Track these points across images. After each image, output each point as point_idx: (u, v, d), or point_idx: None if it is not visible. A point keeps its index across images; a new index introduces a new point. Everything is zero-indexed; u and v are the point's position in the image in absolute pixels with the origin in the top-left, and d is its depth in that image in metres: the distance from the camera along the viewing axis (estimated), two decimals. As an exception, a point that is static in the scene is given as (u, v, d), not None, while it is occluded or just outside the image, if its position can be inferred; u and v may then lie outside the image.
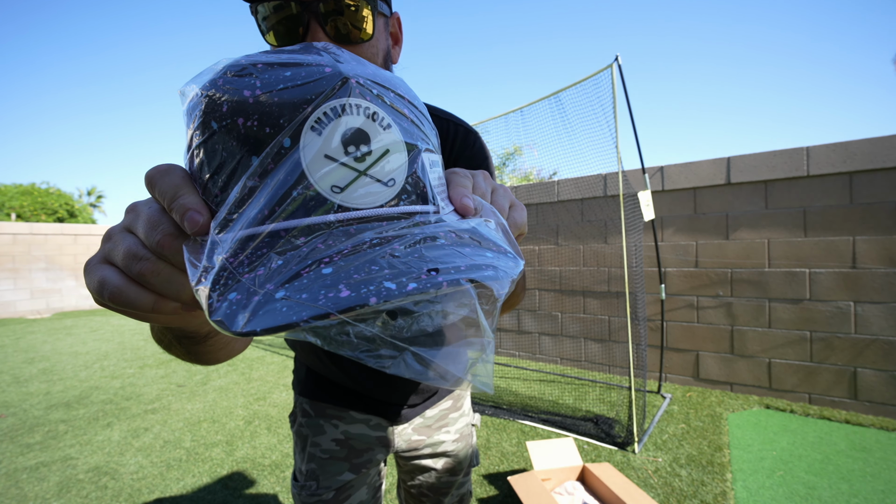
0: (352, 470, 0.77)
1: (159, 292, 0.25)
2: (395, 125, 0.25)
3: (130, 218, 0.26)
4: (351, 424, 0.77)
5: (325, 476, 0.75)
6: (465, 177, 0.32)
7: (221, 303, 0.20)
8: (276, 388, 3.49)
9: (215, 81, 0.24)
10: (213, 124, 0.24)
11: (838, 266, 2.79)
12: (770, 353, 3.01)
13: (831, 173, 2.80)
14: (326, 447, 0.76)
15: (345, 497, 0.76)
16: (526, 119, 3.25)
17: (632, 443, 2.31)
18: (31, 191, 17.31)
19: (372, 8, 0.52)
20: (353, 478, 0.76)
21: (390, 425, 0.79)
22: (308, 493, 0.74)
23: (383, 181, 0.24)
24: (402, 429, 0.81)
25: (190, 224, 0.23)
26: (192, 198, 0.24)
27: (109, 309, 0.26)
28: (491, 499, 1.90)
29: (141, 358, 4.61)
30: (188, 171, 0.26)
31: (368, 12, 0.52)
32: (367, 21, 0.52)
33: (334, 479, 0.75)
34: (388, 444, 0.80)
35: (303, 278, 0.20)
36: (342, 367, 0.75)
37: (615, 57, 2.56)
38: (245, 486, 2.03)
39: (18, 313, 8.23)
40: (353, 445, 0.77)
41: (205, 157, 0.24)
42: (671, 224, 3.42)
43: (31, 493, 2.01)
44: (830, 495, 1.85)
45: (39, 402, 3.26)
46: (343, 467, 0.76)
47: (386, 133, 0.24)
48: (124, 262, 0.24)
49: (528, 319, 4.23)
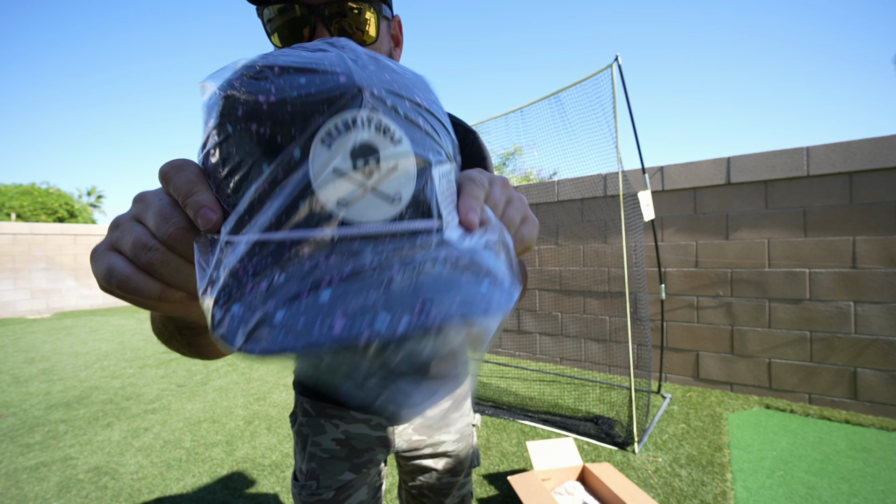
0: (352, 470, 0.77)
1: (167, 282, 0.25)
2: (406, 138, 0.25)
3: (140, 208, 0.27)
4: (351, 424, 0.77)
5: (326, 476, 0.75)
6: (479, 185, 0.30)
7: (224, 315, 0.21)
8: (276, 387, 3.50)
9: (232, 82, 0.24)
10: (229, 127, 0.24)
11: (838, 266, 2.79)
12: (770, 353, 3.01)
13: (831, 173, 2.80)
14: (327, 446, 0.77)
15: (345, 497, 0.76)
16: (526, 119, 3.25)
17: (632, 443, 2.31)
18: (31, 191, 17.31)
19: (375, 10, 0.53)
20: (353, 477, 0.77)
21: (391, 425, 0.80)
22: (308, 493, 0.75)
23: (390, 196, 0.24)
24: (402, 429, 0.81)
25: (203, 221, 0.24)
26: (207, 195, 0.24)
27: (115, 296, 0.26)
28: (491, 499, 1.90)
29: (141, 358, 4.61)
30: (202, 167, 0.26)
31: (372, 15, 0.52)
32: (370, 23, 0.53)
33: (335, 479, 0.75)
34: (388, 443, 0.80)
35: (301, 302, 0.20)
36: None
37: (615, 57, 2.56)
38: (245, 486, 2.03)
39: (18, 313, 8.23)
40: (353, 445, 0.77)
41: (219, 157, 0.25)
42: (671, 224, 3.42)
43: (31, 492, 2.01)
44: (830, 495, 1.85)
45: (39, 402, 3.27)
46: (343, 467, 0.76)
47: (395, 147, 0.24)
48: (133, 250, 0.25)
49: (529, 319, 4.23)
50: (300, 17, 0.50)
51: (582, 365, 3.89)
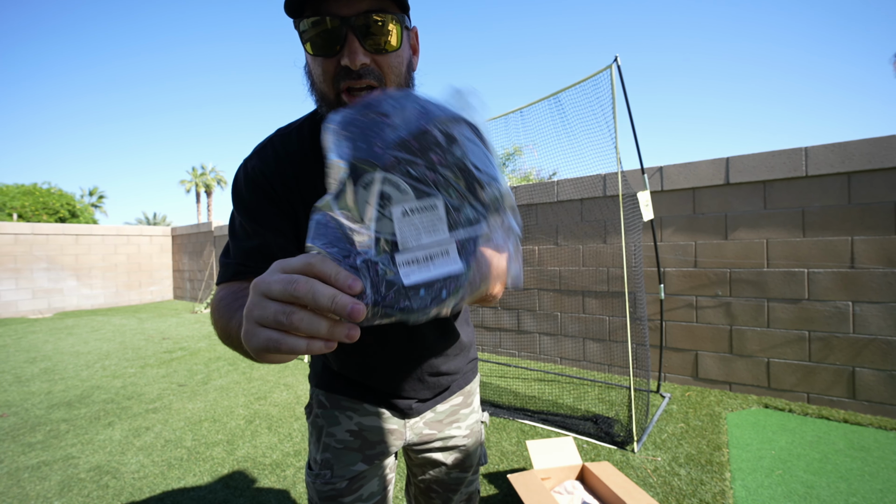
0: (365, 461, 0.79)
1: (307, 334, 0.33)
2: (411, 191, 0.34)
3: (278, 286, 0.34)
4: (365, 416, 0.80)
5: (340, 465, 0.78)
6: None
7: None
8: (276, 387, 3.51)
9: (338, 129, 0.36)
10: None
11: (837, 266, 2.80)
12: (769, 353, 3.02)
13: (830, 174, 2.81)
14: (341, 437, 0.79)
15: (357, 487, 0.79)
16: (526, 120, 3.25)
17: (631, 442, 2.32)
18: (33, 191, 17.31)
19: (397, 22, 0.59)
20: (365, 468, 0.79)
21: (403, 419, 0.83)
22: (322, 482, 0.77)
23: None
24: (413, 422, 0.84)
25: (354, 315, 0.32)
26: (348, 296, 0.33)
27: (270, 362, 0.38)
28: (491, 497, 1.91)
29: (142, 358, 4.62)
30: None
31: (394, 26, 0.58)
32: (393, 34, 0.58)
33: (348, 469, 0.78)
34: (400, 436, 0.83)
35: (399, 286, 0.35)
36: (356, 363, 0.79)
37: (614, 58, 2.57)
38: (246, 485, 2.04)
39: (20, 313, 8.25)
40: (366, 437, 0.80)
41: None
42: (670, 224, 3.43)
43: (33, 492, 2.02)
44: (829, 494, 1.86)
45: (41, 401, 3.28)
46: (356, 458, 0.79)
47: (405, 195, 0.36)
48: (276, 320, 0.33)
49: (528, 319, 4.24)
50: (331, 28, 0.56)
51: (581, 364, 3.90)
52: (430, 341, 0.80)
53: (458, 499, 0.90)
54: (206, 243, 9.32)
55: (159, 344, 5.32)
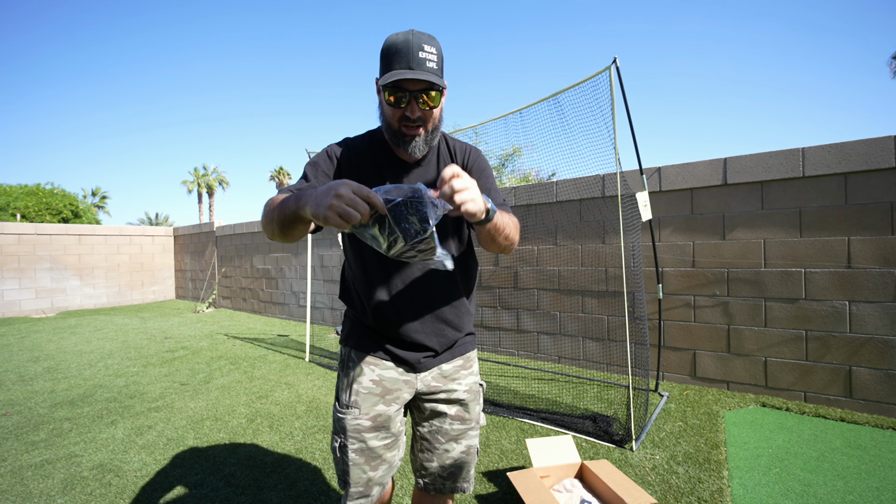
0: (384, 404, 1.04)
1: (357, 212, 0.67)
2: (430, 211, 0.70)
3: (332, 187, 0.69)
4: (385, 370, 1.06)
5: (365, 406, 1.03)
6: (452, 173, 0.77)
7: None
8: (277, 386, 3.53)
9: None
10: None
11: (833, 266, 2.81)
12: (766, 352, 3.04)
13: (826, 174, 2.82)
14: (366, 385, 1.04)
15: (378, 424, 1.03)
16: (525, 120, 3.26)
17: (629, 440, 2.34)
18: (36, 191, 17.34)
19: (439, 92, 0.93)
20: (385, 409, 1.04)
21: (414, 372, 1.07)
22: (352, 417, 1.02)
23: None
24: (423, 376, 1.08)
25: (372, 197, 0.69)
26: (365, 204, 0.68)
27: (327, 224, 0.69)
28: (490, 495, 1.93)
29: (144, 357, 4.65)
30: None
31: (437, 94, 0.93)
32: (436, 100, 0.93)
33: (371, 409, 1.03)
34: (412, 386, 1.07)
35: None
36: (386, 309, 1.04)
37: (613, 59, 2.59)
38: (247, 483, 2.06)
39: (23, 312, 8.29)
40: (385, 385, 1.05)
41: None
42: (668, 224, 3.44)
43: (36, 490, 2.04)
44: (826, 492, 1.87)
45: (44, 400, 3.31)
46: (377, 401, 1.03)
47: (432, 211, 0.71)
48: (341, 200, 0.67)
49: (528, 319, 4.26)
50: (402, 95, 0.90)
51: (580, 363, 3.91)
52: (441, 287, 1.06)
53: (459, 449, 1.09)
54: (208, 243, 9.35)
55: (161, 343, 5.35)
